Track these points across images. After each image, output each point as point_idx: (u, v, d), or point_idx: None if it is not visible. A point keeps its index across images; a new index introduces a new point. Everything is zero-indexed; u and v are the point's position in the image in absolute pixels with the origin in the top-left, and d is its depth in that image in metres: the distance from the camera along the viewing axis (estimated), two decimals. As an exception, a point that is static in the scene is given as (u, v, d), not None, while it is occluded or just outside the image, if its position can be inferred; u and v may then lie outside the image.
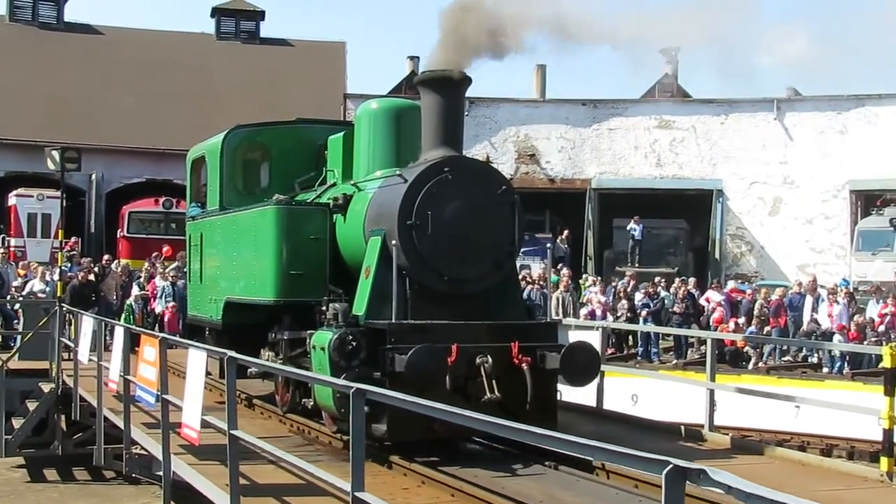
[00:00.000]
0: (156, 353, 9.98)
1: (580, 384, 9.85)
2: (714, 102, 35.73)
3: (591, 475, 8.80)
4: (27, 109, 35.48)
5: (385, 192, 10.16)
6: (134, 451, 11.29)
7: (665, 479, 3.79)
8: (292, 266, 10.73)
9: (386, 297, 9.63)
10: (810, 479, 9.11)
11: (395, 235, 9.65)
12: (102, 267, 24.34)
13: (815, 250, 33.80)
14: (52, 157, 16.86)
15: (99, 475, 15.95)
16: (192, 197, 14.69)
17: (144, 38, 40.99)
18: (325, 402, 9.62)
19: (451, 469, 8.59)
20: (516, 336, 9.59)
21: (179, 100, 37.16)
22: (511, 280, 10.85)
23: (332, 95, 36.92)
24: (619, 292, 25.31)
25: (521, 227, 10.42)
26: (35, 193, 33.06)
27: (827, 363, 22.01)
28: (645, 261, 31.96)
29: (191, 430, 8.60)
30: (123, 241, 32.68)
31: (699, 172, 35.44)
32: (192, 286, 14.51)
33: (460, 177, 9.92)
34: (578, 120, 36.37)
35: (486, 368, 9.24)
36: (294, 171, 12.86)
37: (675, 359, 23.51)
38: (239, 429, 7.84)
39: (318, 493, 7.64)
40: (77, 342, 14.73)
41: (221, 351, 8.58)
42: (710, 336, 12.53)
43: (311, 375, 9.32)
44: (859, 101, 33.97)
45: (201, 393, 8.46)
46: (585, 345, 9.97)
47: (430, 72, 10.19)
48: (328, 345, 9.34)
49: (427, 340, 9.06)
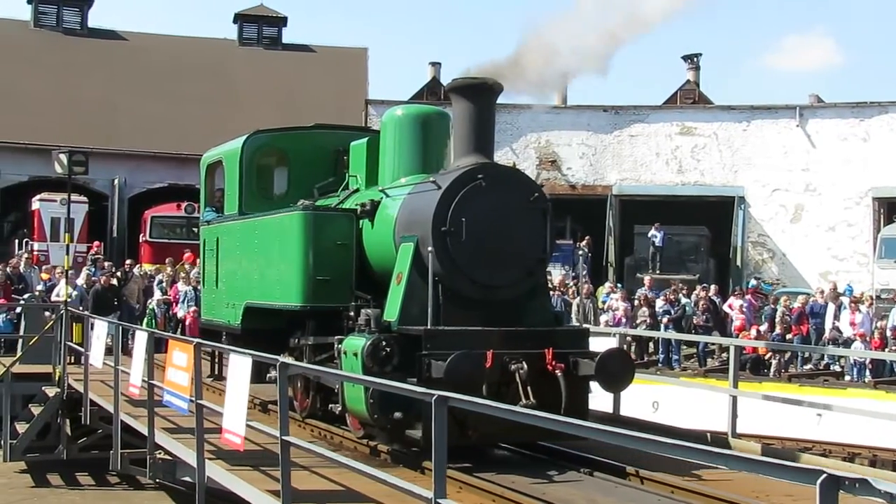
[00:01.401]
0: (188, 357, 9.95)
1: (616, 390, 9.92)
2: (736, 109, 35.64)
3: (625, 481, 8.82)
4: (51, 114, 35.73)
5: (417, 199, 10.18)
6: (157, 455, 11.18)
7: (819, 488, 3.74)
8: (319, 271, 10.73)
9: (417, 303, 9.66)
10: None
11: (428, 242, 9.65)
12: (125, 271, 24.48)
13: (838, 258, 33.64)
14: (60, 161, 16.79)
15: (103, 480, 15.90)
16: (207, 201, 14.64)
17: (167, 43, 41.24)
18: (357, 408, 9.56)
19: (486, 475, 8.57)
20: (549, 342, 9.62)
21: (202, 105, 37.36)
22: (540, 287, 10.89)
23: (354, 101, 37.01)
24: (640, 299, 25.25)
25: (552, 234, 10.47)
26: (58, 198, 33.15)
27: (849, 371, 21.90)
28: (666, 268, 31.88)
29: (234, 436, 8.54)
30: (146, 246, 32.83)
31: (721, 179, 35.33)
32: (206, 291, 14.40)
33: (493, 183, 9.95)
34: (600, 126, 36.34)
35: (520, 375, 9.24)
36: (312, 177, 12.87)
37: (696, 366, 23.44)
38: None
39: (358, 499, 7.67)
40: (89, 346, 14.61)
41: (273, 357, 8.55)
42: (733, 343, 12.50)
43: (390, 383, 8.35)
44: (882, 108, 33.81)
45: (245, 398, 8.42)
46: (620, 351, 10.06)
47: (463, 79, 10.24)
48: (361, 351, 9.34)
49: (461, 346, 9.06)
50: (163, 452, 11.14)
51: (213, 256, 13.73)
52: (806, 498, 8.49)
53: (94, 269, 24.97)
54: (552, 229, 10.44)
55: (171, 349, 10.84)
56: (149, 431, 11.07)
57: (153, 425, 11.07)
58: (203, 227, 14.55)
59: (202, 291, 14.87)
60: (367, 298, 10.47)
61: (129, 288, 23.43)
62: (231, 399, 8.73)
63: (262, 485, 8.07)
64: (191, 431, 10.90)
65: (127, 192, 36.02)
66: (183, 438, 10.69)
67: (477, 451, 9.52)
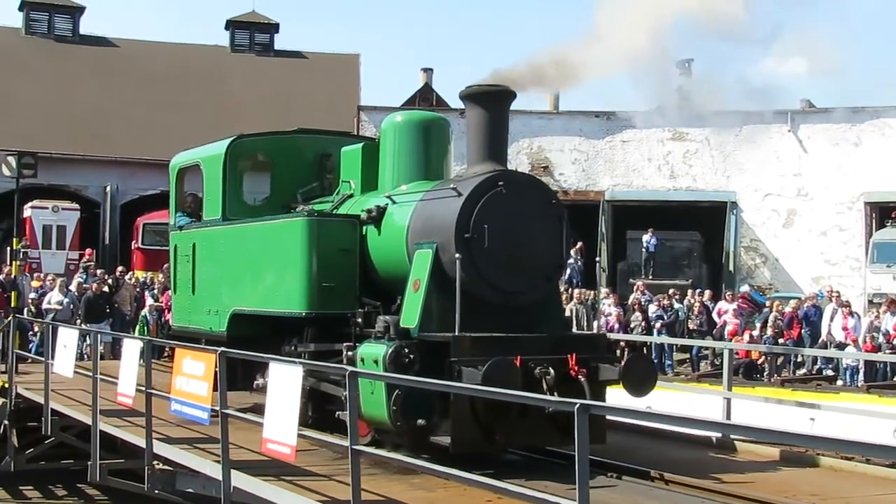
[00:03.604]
0: (206, 366, 9.72)
1: (641, 395, 9.98)
2: (728, 114, 35.60)
3: (654, 483, 8.91)
4: (42, 122, 35.64)
5: (433, 206, 10.18)
6: (156, 466, 10.84)
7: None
8: (324, 278, 10.69)
9: (436, 309, 9.68)
10: (863, 486, 9.24)
11: (450, 248, 9.67)
12: (116, 279, 24.42)
13: (830, 262, 33.66)
14: (8, 164, 16.62)
15: (48, 492, 15.72)
16: (178, 206, 14.37)
17: (159, 50, 41.22)
18: (376, 414, 9.48)
19: (515, 481, 8.35)
20: (571, 348, 9.72)
21: (194, 112, 37.30)
22: (554, 292, 11.00)
23: (346, 107, 37.00)
24: (633, 304, 25.27)
25: (568, 240, 10.55)
26: (50, 205, 33.27)
27: (842, 375, 21.89)
28: (659, 273, 31.86)
29: (282, 446, 8.30)
30: (138, 253, 32.79)
31: (713, 184, 35.35)
32: (179, 297, 14.01)
33: (513, 190, 10.04)
34: (592, 132, 36.35)
35: (547, 380, 9.30)
36: (295, 182, 12.84)
37: (689, 371, 23.44)
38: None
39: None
40: (53, 355, 14.14)
41: (342, 367, 8.45)
42: (727, 346, 12.53)
43: (492, 389, 8.32)
44: (874, 112, 33.87)
45: (297, 407, 8.22)
46: (643, 356, 10.19)
47: (478, 86, 10.31)
48: (383, 358, 9.30)
49: (488, 353, 9.09)
50: (161, 463, 10.82)
51: (189, 262, 13.44)
52: (832, 497, 8.57)
53: (85, 276, 24.91)
54: (568, 235, 10.56)
55: (179, 357, 10.55)
56: (147, 442, 10.74)
57: (150, 435, 10.75)
58: (174, 232, 14.23)
59: (173, 297, 14.48)
60: (375, 305, 10.46)
61: (121, 295, 23.39)
62: (276, 408, 8.48)
63: (308, 495, 7.98)
64: (188, 441, 10.84)
65: (119, 198, 35.95)
66: (186, 449, 10.52)
67: (488, 456, 9.52)
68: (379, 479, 8.79)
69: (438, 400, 9.10)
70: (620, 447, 10.14)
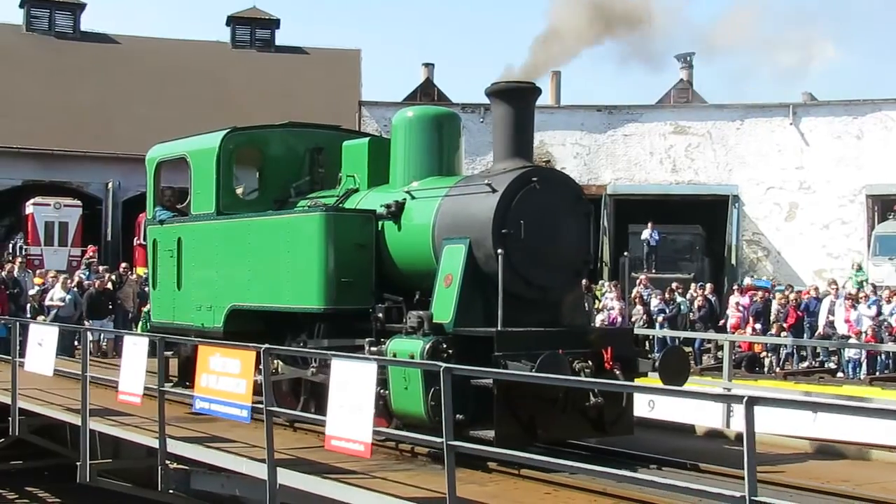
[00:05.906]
0: (242, 364, 9.53)
1: (677, 385, 10.06)
2: (729, 108, 35.65)
3: (693, 473, 8.94)
4: (44, 118, 35.67)
5: (465, 200, 10.14)
6: (170, 465, 10.62)
7: None
8: (341, 273, 10.61)
9: (471, 304, 9.70)
10: (892, 473, 9.25)
11: (485, 243, 9.66)
12: (119, 275, 24.42)
13: (832, 255, 33.66)
14: None
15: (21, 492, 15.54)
16: (157, 200, 14.16)
17: (160, 46, 41.22)
18: (411, 410, 9.40)
19: (559, 476, 8.41)
20: (606, 342, 9.88)
21: (196, 108, 37.26)
22: (578, 287, 11.09)
23: (348, 103, 36.99)
24: (634, 298, 25.26)
25: (595, 235, 10.59)
26: (52, 202, 33.31)
27: (844, 368, 21.88)
28: (661, 267, 31.86)
29: (356, 444, 8.11)
30: (140, 249, 32.73)
31: (715, 178, 35.34)
32: (159, 293, 13.63)
33: (546, 186, 10.05)
34: (593, 126, 36.34)
35: (586, 374, 9.39)
36: (287, 176, 12.77)
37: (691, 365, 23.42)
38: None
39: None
40: (25, 353, 13.68)
41: (436, 363, 8.30)
42: (727, 339, 12.55)
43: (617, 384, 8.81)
44: (875, 105, 33.87)
45: (372, 404, 8.08)
46: (679, 349, 10.72)
47: (505, 82, 10.26)
48: (420, 353, 9.28)
49: (530, 347, 9.11)
50: (174, 462, 10.62)
51: (173, 257, 13.18)
52: (865, 482, 8.64)
53: (88, 273, 24.92)
54: (594, 231, 10.62)
55: (204, 354, 10.22)
56: (160, 441, 10.50)
57: (164, 432, 10.49)
58: (153, 226, 13.96)
59: (152, 293, 14.02)
60: (398, 300, 10.42)
61: (124, 291, 23.37)
62: (342, 404, 8.29)
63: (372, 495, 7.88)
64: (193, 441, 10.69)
65: (121, 195, 35.90)
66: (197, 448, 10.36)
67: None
68: (419, 474, 8.73)
69: (474, 395, 9.02)
70: (636, 441, 10.17)
